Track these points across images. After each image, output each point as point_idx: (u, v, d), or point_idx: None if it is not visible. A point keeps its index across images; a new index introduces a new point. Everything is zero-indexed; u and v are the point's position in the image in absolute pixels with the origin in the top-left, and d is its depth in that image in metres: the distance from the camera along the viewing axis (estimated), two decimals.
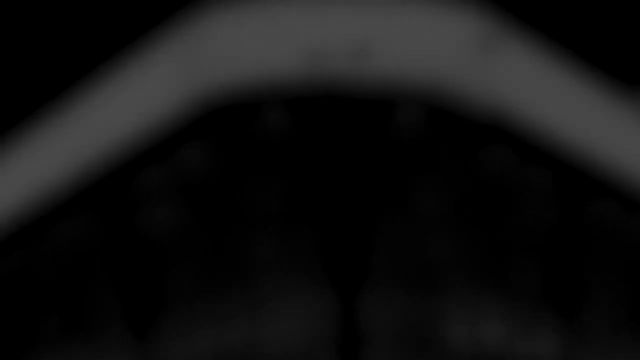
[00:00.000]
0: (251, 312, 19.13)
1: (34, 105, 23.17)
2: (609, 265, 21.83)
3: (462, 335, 19.18)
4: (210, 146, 19.09)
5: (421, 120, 18.53)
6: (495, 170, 20.12)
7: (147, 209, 20.40)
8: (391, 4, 18.41)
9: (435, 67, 18.11)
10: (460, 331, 19.20)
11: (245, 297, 19.30)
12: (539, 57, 21.04)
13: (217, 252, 19.56)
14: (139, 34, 21.30)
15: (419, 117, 18.61)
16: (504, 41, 19.46)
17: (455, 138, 19.50)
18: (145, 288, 20.09)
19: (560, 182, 20.22)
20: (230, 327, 19.08)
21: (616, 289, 22.86)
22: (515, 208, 20.82)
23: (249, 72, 18.18)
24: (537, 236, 20.27)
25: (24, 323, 24.18)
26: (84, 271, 22.66)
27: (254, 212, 19.41)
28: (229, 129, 18.76)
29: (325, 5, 19.22)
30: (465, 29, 19.10)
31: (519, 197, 21.10)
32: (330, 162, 18.95)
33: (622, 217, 22.48)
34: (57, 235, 22.57)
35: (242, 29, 18.23)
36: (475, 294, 19.61)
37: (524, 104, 20.48)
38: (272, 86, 18.04)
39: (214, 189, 19.97)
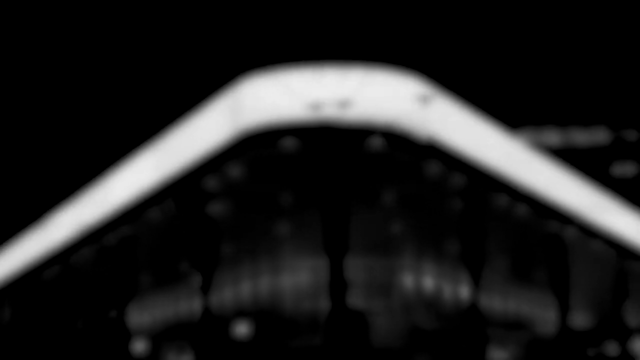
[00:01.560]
0: (275, 268, 24.56)
1: (142, 138, 27.39)
2: (502, 239, 26.23)
3: (410, 283, 24.25)
4: (249, 160, 23.98)
5: (383, 144, 23.02)
6: (431, 175, 23.81)
7: (211, 200, 25.16)
8: (363, 73, 22.76)
9: (391, 112, 22.71)
10: (409, 280, 24.21)
11: (271, 258, 24.80)
12: (454, 106, 24.50)
13: (253, 229, 24.50)
14: (206, 95, 25.36)
15: (382, 142, 22.96)
16: (433, 97, 23.03)
17: (404, 155, 23.44)
18: (207, 253, 24.87)
19: (471, 183, 24.94)
20: (261, 278, 24.27)
21: (506, 255, 26.85)
22: (443, 200, 24.88)
23: (273, 116, 23.04)
24: (456, 219, 24.86)
25: (129, 275, 27.70)
26: (168, 241, 25.78)
27: (277, 203, 24.32)
28: (261, 150, 23.65)
29: (321, 75, 22.87)
30: (410, 88, 23.13)
31: (445, 193, 24.74)
32: (326, 171, 23.45)
33: (510, 206, 26.23)
34: (152, 216, 26.61)
35: (269, 90, 23.27)
36: (418, 257, 24.86)
37: (447, 134, 23.95)
38: (288, 124, 22.93)
39: (251, 187, 24.33)
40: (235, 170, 24.90)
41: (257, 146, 24.14)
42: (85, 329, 32.28)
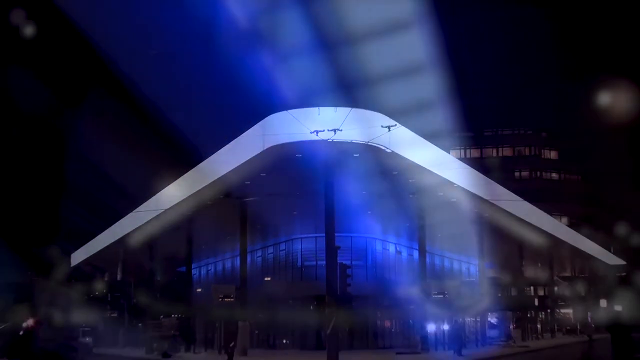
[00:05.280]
0: (290, 223, 41.77)
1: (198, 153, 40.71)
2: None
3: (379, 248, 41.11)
4: (274, 170, 35.92)
5: (363, 156, 34.72)
6: (390, 172, 36.70)
7: (251, 190, 38.23)
8: (347, 111, 33.61)
9: (364, 136, 34.14)
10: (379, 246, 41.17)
11: (287, 220, 41.31)
12: (407, 132, 36.23)
13: (279, 205, 39.18)
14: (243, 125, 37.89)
15: (361, 154, 34.61)
16: (393, 127, 34.23)
17: (375, 162, 35.10)
18: (255, 219, 40.08)
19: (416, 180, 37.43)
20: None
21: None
22: (396, 188, 38.48)
23: (291, 142, 34.44)
24: (398, 200, 39.08)
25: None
26: (229, 213, 40.37)
27: (290, 193, 38.07)
28: (281, 163, 35.15)
29: (320, 113, 34.23)
30: (377, 121, 34.30)
31: (396, 183, 38.22)
32: (321, 172, 35.67)
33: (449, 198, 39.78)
34: (214, 203, 39.28)
35: (287, 124, 34.42)
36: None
37: (402, 151, 35.55)
38: (300, 145, 34.33)
39: (277, 183, 37.19)
40: (267, 176, 37.54)
41: (283, 157, 35.88)
42: None
